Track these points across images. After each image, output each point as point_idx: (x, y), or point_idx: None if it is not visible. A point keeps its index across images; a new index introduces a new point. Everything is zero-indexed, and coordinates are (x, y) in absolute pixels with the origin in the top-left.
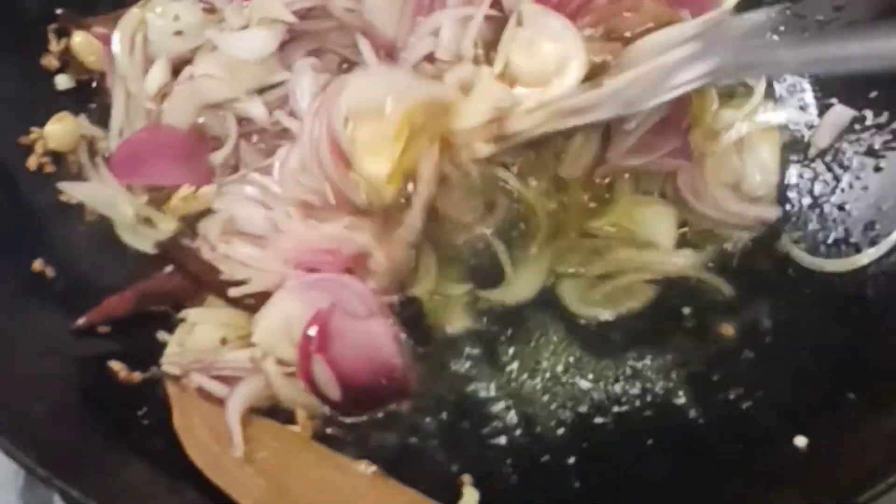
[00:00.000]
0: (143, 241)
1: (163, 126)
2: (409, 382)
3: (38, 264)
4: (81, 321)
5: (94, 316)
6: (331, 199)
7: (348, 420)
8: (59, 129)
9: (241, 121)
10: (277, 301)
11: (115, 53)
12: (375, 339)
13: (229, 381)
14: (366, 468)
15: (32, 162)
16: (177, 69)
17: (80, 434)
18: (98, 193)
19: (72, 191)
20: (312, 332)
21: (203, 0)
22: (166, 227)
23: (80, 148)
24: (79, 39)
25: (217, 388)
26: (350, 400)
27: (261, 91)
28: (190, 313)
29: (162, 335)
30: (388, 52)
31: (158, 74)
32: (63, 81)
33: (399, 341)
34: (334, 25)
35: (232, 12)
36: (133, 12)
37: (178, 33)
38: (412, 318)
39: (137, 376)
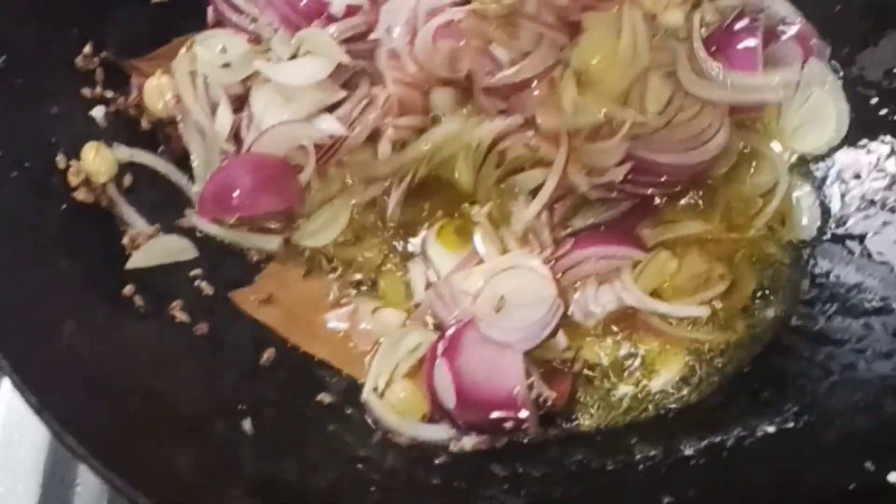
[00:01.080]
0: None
1: (247, 156)
2: (527, 422)
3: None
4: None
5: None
6: None
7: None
8: (94, 159)
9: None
10: None
11: (182, 98)
12: (504, 368)
13: None
14: None
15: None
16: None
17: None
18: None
19: (137, 263)
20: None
21: (248, 31)
22: None
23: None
24: (153, 84)
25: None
26: (463, 413)
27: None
28: None
29: None
30: None
31: (226, 115)
32: (99, 114)
33: (528, 383)
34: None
35: (278, 43)
36: (182, 52)
37: (227, 65)
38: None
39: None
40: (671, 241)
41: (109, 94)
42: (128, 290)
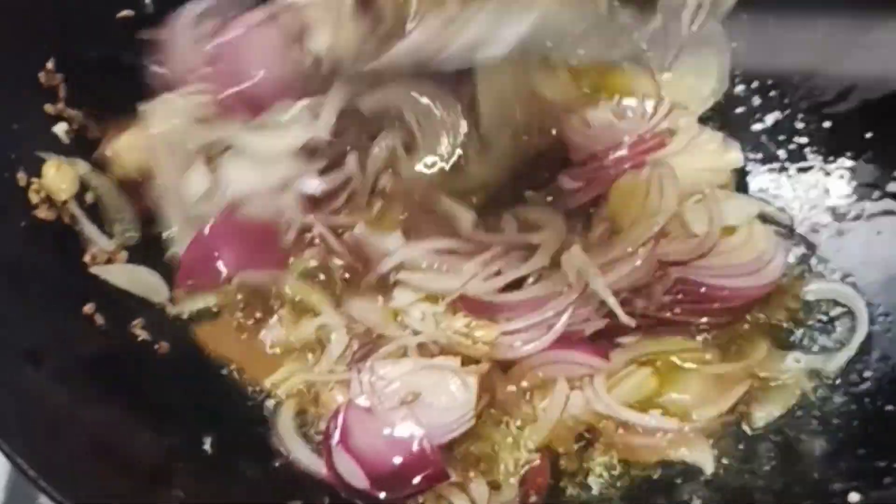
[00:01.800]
0: None
1: (232, 218)
2: (441, 465)
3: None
4: None
5: None
6: None
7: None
8: (55, 176)
9: None
10: None
11: (154, 158)
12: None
13: None
14: None
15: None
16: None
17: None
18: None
19: (105, 274)
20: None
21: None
22: None
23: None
24: (122, 142)
25: None
26: (381, 487)
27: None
28: None
29: None
30: None
31: (199, 178)
32: (62, 130)
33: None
34: None
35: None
36: (152, 111)
37: (200, 121)
38: None
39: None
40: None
41: (72, 111)
42: (89, 307)
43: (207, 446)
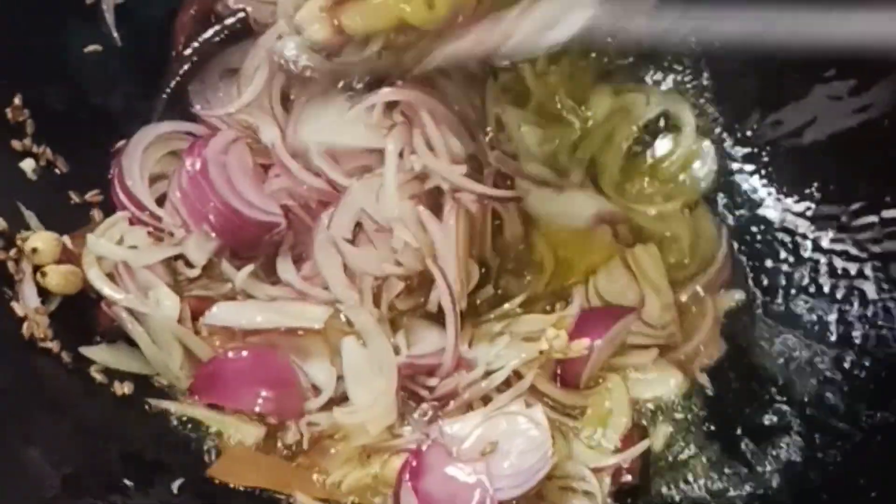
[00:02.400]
0: None
1: (256, 350)
2: None
3: None
4: None
5: None
6: None
7: None
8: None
9: None
10: None
11: (103, 292)
12: (460, 484)
13: None
14: None
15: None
16: None
17: None
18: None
19: (91, 354)
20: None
21: (149, 224)
22: None
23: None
24: (56, 269)
25: None
26: None
27: None
28: None
29: None
30: None
31: (169, 298)
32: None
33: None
34: None
35: (194, 248)
36: (91, 240)
37: (133, 248)
38: None
39: None
40: None
41: (39, 147)
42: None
43: None
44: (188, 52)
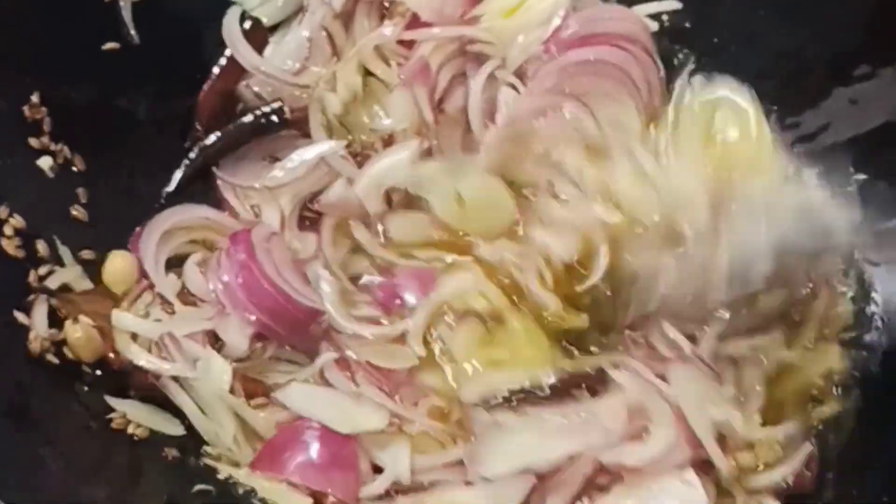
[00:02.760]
0: None
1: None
2: None
3: None
4: None
5: None
6: None
7: None
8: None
9: None
10: None
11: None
12: None
13: None
14: None
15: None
16: None
17: None
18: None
19: (120, 406)
20: None
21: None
22: None
23: None
24: (76, 334)
25: None
26: None
27: None
28: None
29: None
30: None
31: (217, 362)
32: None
33: None
34: None
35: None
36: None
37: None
38: None
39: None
40: None
41: (57, 145)
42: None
43: None
44: (219, 133)
